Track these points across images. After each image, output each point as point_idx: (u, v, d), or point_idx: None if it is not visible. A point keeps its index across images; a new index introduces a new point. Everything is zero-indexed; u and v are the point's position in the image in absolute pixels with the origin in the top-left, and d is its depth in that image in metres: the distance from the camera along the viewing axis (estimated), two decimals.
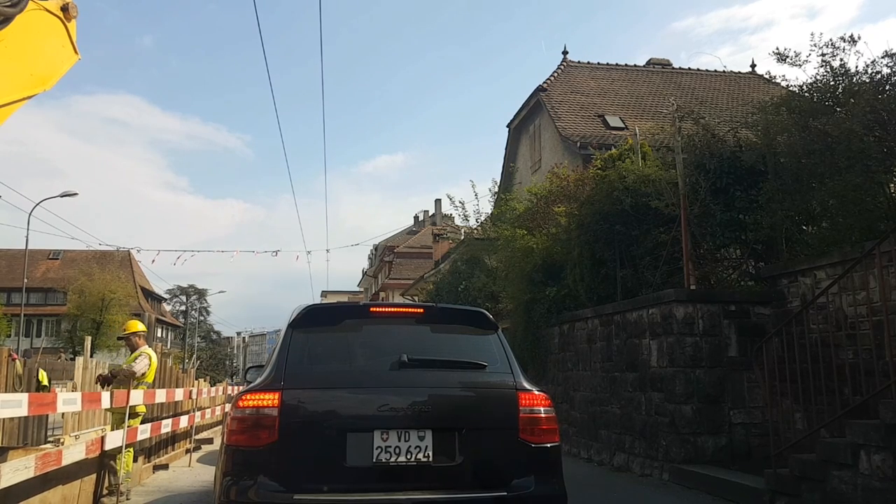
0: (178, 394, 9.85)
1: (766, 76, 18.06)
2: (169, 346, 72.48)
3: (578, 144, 18.16)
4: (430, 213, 61.71)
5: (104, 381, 7.82)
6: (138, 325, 8.15)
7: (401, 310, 4.89)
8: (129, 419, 7.74)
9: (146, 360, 7.82)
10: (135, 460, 8.55)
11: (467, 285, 19.79)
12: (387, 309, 4.89)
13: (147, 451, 9.88)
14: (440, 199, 58.42)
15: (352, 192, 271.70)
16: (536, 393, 4.20)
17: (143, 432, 7.98)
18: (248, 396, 3.94)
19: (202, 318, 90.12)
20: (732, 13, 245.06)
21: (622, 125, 19.98)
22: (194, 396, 10.88)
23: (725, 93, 22.42)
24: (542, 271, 12.26)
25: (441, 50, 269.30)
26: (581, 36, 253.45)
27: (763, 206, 8.33)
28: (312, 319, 4.45)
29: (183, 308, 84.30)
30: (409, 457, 3.87)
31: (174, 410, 11.53)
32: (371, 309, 4.73)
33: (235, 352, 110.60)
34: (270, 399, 3.87)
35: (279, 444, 3.79)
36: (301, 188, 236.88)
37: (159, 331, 72.57)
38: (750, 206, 8.54)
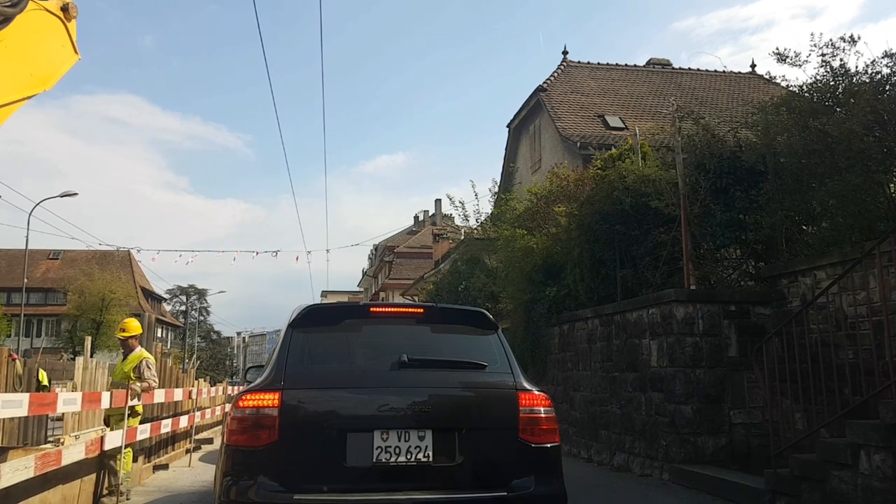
0: (178, 394, 9.85)
1: (766, 76, 18.07)
2: (169, 346, 72.44)
3: (578, 144, 18.16)
4: (430, 213, 61.65)
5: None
6: (139, 328, 8.17)
7: (401, 310, 4.88)
8: (128, 419, 7.75)
9: (153, 369, 7.91)
10: (134, 460, 8.55)
11: (467, 285, 19.79)
12: (387, 309, 4.89)
13: (147, 450, 9.88)
14: (440, 199, 58.36)
15: (352, 191, 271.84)
16: (536, 393, 4.20)
17: (143, 432, 7.98)
18: (249, 396, 3.93)
19: (202, 318, 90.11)
20: (733, 13, 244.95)
21: (622, 125, 19.99)
22: (194, 396, 10.88)
23: (725, 93, 22.43)
24: (542, 271, 12.26)
25: (441, 50, 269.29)
26: (581, 36, 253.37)
27: (763, 207, 8.32)
28: (312, 319, 4.44)
29: (183, 308, 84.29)
30: (409, 457, 3.86)
31: (174, 410, 11.53)
32: (371, 309, 4.74)
33: (235, 352, 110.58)
34: (270, 399, 3.86)
35: (279, 444, 3.78)
36: (301, 188, 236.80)
37: (159, 331, 72.43)
38: (750, 206, 8.53)
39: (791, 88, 8.44)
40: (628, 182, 9.59)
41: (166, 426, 9.19)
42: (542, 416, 4.14)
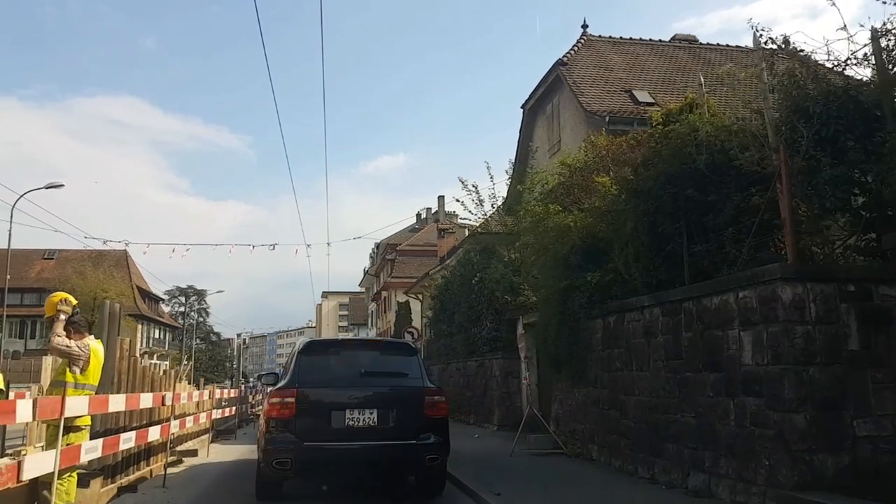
0: (146, 400, 7.98)
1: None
2: (167, 348, 70.50)
3: (607, 119, 16.33)
4: (434, 211, 59.93)
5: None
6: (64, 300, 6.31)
7: (361, 342, 10.35)
8: (67, 434, 5.92)
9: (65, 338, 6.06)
10: (84, 485, 6.73)
11: (482, 277, 17.96)
12: (354, 342, 10.09)
13: (109, 469, 8.04)
14: (443, 196, 56.60)
15: (353, 192, 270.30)
16: (434, 389, 7.67)
17: (91, 451, 6.13)
18: (279, 391, 7.30)
19: (201, 319, 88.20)
20: (734, 14, 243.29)
21: (652, 101, 18.16)
22: (169, 402, 8.99)
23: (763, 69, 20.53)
24: (582, 253, 10.42)
25: (442, 49, 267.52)
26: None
27: (884, 159, 6.47)
28: (312, 349, 7.97)
29: (182, 309, 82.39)
30: (364, 423, 7.10)
31: (149, 419, 9.69)
32: (345, 342, 9.67)
33: (235, 353, 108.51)
34: (291, 393, 7.12)
35: (295, 416, 7.00)
36: (302, 190, 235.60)
37: (157, 331, 70.62)
38: (867, 160, 6.69)
39: None
40: (701, 136, 7.76)
41: (128, 440, 7.34)
42: (437, 401, 7.45)
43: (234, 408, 18.08)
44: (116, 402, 6.78)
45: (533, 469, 9.54)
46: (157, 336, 71.02)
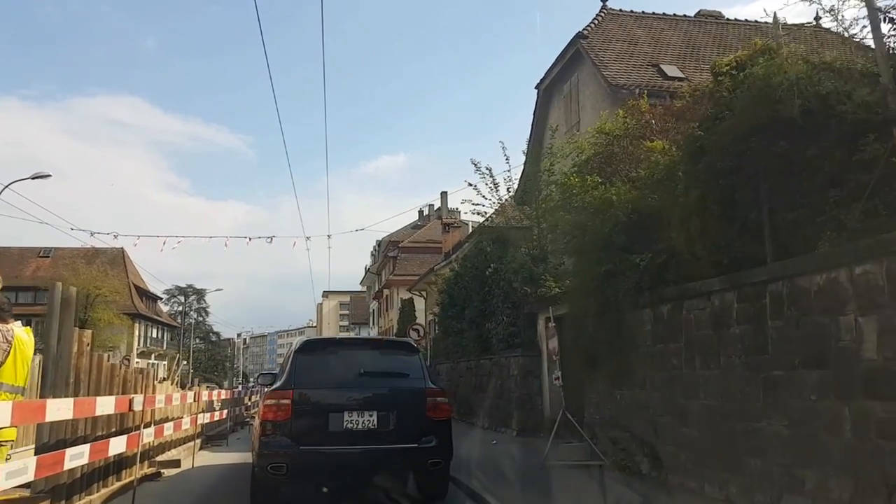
0: (105, 404, 6.46)
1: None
2: (165, 347, 68.97)
3: (637, 92, 14.80)
4: (436, 208, 58.61)
5: None
6: None
7: (360, 341, 11.05)
8: None
9: None
10: None
11: (497, 268, 16.47)
12: (353, 341, 10.62)
13: (64, 489, 6.57)
14: (446, 192, 55.22)
15: (353, 192, 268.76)
16: (436, 390, 7.46)
17: (17, 473, 4.64)
18: (274, 393, 7.10)
19: (200, 318, 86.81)
20: (734, 13, 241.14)
21: (681, 75, 16.69)
22: (138, 408, 7.47)
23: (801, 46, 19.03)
24: (626, 232, 8.91)
25: (442, 49, 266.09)
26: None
27: None
28: (309, 347, 7.85)
29: (181, 308, 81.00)
30: (363, 426, 6.92)
31: (120, 426, 8.22)
32: (343, 341, 10.13)
33: (236, 353, 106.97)
34: (287, 395, 6.96)
35: (292, 419, 6.85)
36: (303, 190, 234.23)
37: (155, 331, 69.13)
38: None
39: None
40: (791, 77, 6.25)
41: (79, 456, 5.84)
42: (439, 402, 7.29)
43: (225, 411, 16.57)
44: (58, 409, 5.27)
45: (576, 487, 8.05)
46: (154, 335, 69.49)
